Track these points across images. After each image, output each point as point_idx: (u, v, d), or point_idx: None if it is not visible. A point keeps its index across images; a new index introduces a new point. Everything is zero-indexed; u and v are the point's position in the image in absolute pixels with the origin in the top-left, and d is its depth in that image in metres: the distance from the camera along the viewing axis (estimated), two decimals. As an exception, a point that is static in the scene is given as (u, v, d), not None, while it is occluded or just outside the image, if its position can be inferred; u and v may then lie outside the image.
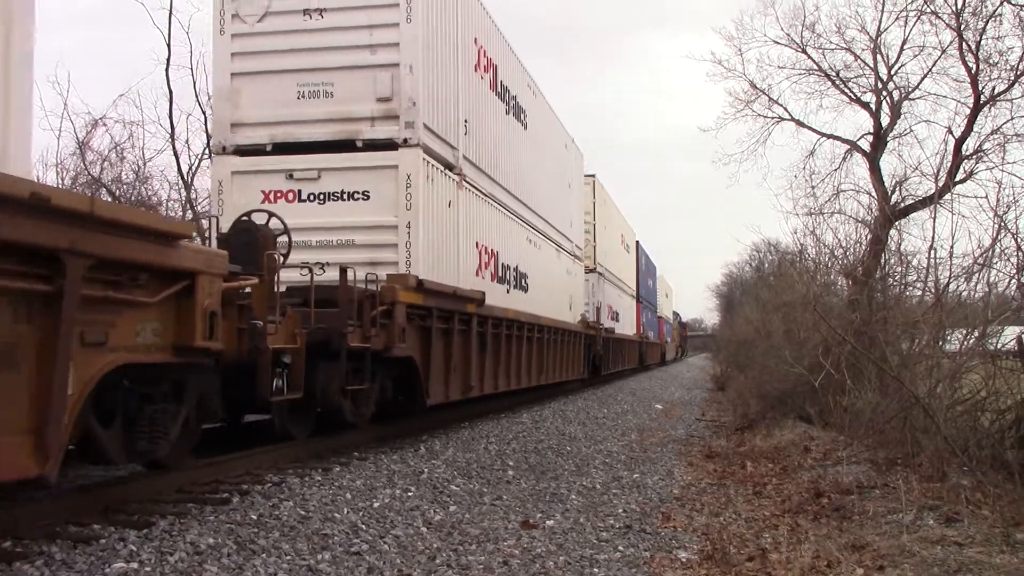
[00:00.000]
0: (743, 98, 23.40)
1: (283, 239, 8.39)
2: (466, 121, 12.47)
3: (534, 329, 16.65)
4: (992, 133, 19.02)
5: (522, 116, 16.07)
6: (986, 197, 17.85)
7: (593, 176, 25.81)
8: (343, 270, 9.03)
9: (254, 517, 6.26)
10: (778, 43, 22.68)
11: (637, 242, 37.93)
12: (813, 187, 21.69)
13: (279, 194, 10.70)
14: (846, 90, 22.13)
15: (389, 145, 10.53)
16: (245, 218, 8.37)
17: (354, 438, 9.91)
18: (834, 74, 22.06)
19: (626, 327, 32.78)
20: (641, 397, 23.24)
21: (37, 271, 4.88)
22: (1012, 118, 18.59)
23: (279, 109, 10.73)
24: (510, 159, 15.15)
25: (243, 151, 10.80)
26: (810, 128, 23.01)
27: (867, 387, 10.63)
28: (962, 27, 18.59)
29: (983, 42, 18.49)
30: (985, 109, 18.91)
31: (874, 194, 19.21)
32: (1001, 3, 17.79)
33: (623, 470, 9.68)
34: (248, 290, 7.31)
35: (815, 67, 22.26)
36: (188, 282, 6.22)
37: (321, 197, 10.66)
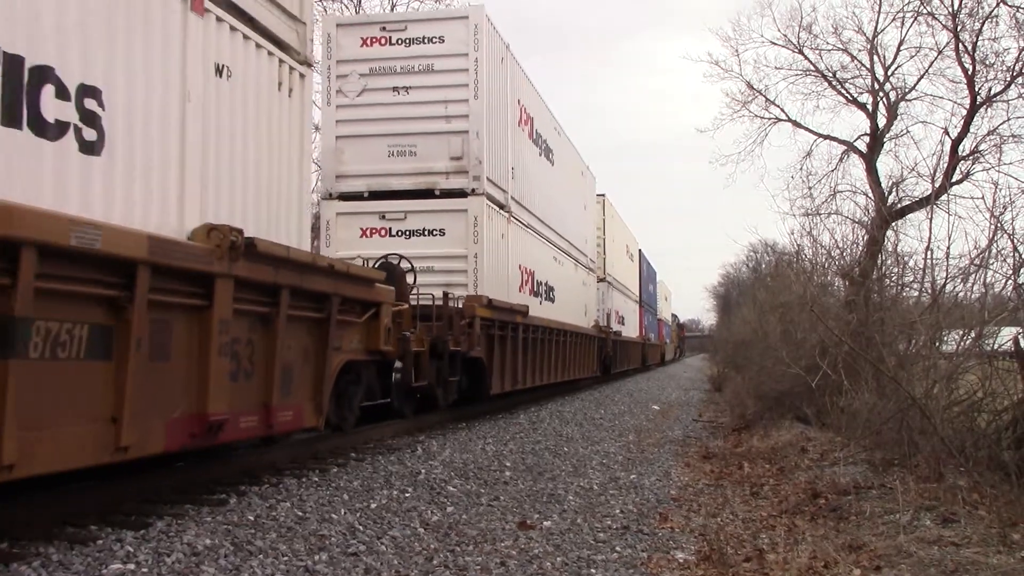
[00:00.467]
0: (740, 99, 23.51)
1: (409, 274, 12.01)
2: (513, 168, 15.61)
3: (561, 334, 19.72)
4: (988, 134, 19.09)
5: (550, 155, 19.31)
6: (982, 198, 18.08)
7: (603, 195, 28.32)
8: (445, 295, 12.37)
9: (251, 518, 6.26)
10: (775, 44, 22.79)
11: (640, 250, 40.65)
12: (810, 188, 21.77)
13: (374, 231, 13.80)
14: (843, 91, 22.20)
15: (460, 193, 13.70)
16: (385, 259, 12.07)
17: (440, 417, 13.08)
18: (831, 75, 22.13)
19: (630, 330, 35.38)
20: (638, 398, 23.25)
21: (317, 306, 8.20)
22: (1008, 119, 18.65)
23: (374, 164, 13.79)
24: (542, 193, 18.23)
25: (345, 197, 13.89)
26: (807, 129, 23.10)
27: (864, 388, 10.64)
28: (958, 28, 18.64)
29: (979, 43, 18.55)
30: (981, 110, 18.97)
31: (871, 195, 19.26)
32: (997, 4, 17.85)
33: (620, 471, 9.68)
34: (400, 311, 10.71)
35: (812, 68, 22.35)
36: (376, 309, 9.56)
37: (407, 233, 13.73)
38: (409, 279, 11.93)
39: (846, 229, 17.72)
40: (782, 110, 23.63)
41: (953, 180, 17.97)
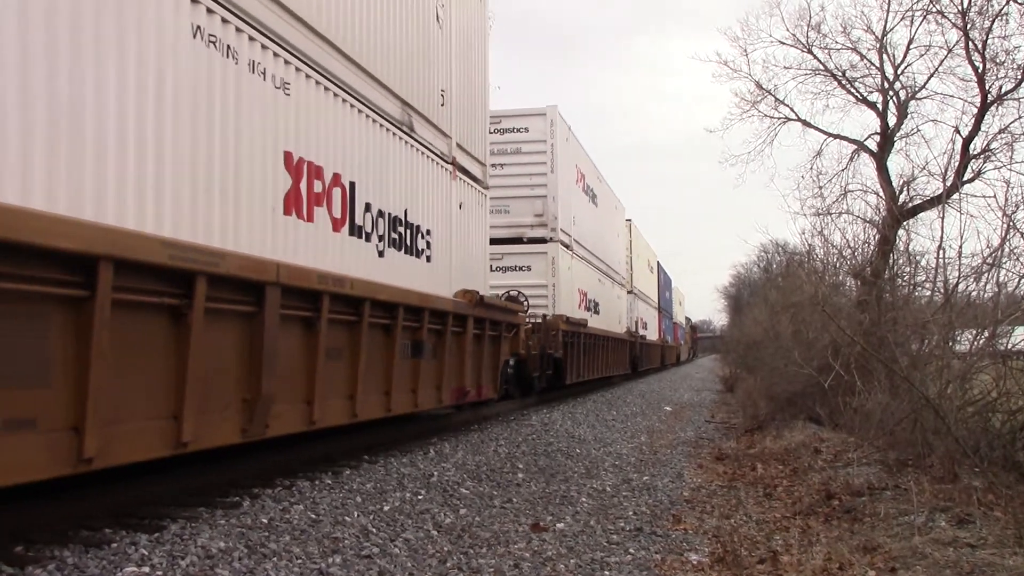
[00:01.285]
0: (749, 99, 23.37)
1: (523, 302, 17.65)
2: (574, 217, 21.07)
3: (606, 339, 25.80)
4: (1000, 132, 18.95)
5: (595, 199, 24.79)
6: (994, 196, 17.91)
7: (630, 220, 33.52)
8: (544, 316, 18.28)
9: (265, 520, 6.27)
10: (784, 43, 22.64)
11: (658, 262, 46.04)
12: (820, 187, 21.66)
13: (480, 268, 19.31)
14: (852, 90, 22.08)
15: (541, 240, 19.14)
16: (507, 293, 17.23)
17: (533, 400, 18.75)
18: (840, 74, 22.01)
19: (652, 334, 40.46)
20: (650, 399, 23.21)
21: (497, 329, 13.76)
22: (1020, 117, 18.51)
23: None
24: (590, 230, 23.64)
25: None
26: (816, 128, 22.97)
27: (877, 388, 10.60)
28: (968, 26, 18.53)
29: (990, 41, 18.42)
30: (992, 108, 18.85)
31: (882, 194, 19.14)
32: (1007, 2, 17.74)
33: (633, 472, 9.67)
34: (530, 327, 17.15)
35: (821, 67, 22.22)
36: (517, 328, 15.29)
37: (503, 269, 18.41)
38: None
39: (857, 228, 17.60)
40: (791, 109, 23.47)
41: (964, 179, 17.85)
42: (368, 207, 9.26)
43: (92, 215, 5.26)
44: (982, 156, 19.03)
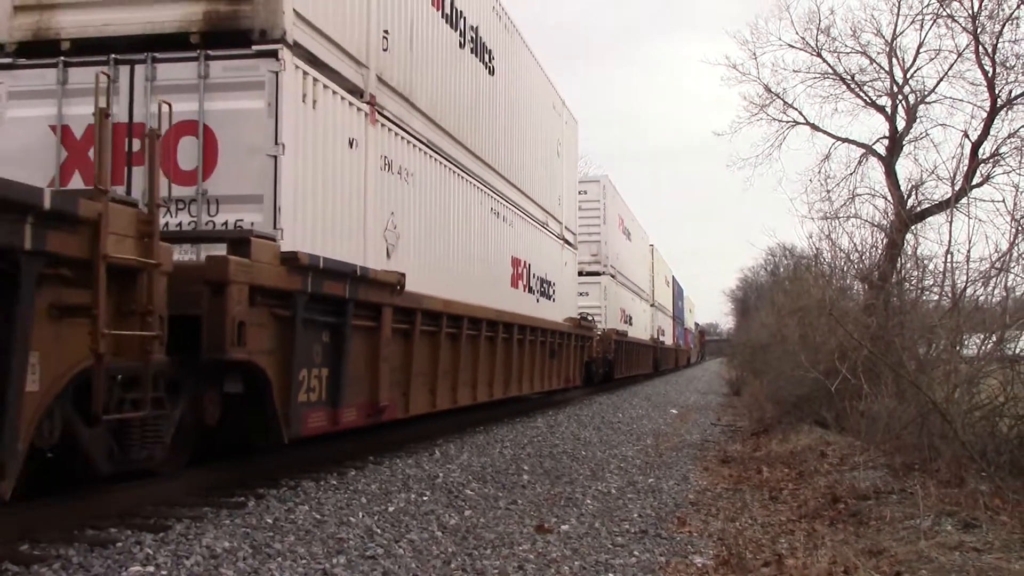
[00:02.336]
0: (758, 102, 23.38)
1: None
2: (617, 254, 27.97)
3: (638, 344, 32.83)
4: (1009, 137, 18.90)
5: (629, 236, 31.62)
6: (1003, 201, 17.80)
7: (652, 245, 40.43)
8: (604, 331, 24.94)
9: (269, 521, 6.28)
10: (793, 47, 22.64)
11: (673, 277, 52.85)
12: (828, 191, 21.64)
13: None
14: (861, 94, 22.05)
15: (597, 274, 25.73)
16: (582, 316, 21.42)
17: (590, 387, 24.18)
18: (849, 78, 21.99)
19: (668, 339, 47.11)
20: (656, 402, 23.19)
21: (584, 339, 21.42)
22: (1030, 122, 18.45)
23: None
24: (625, 261, 29.96)
25: None
26: (825, 132, 22.94)
27: (884, 392, 10.56)
28: (978, 30, 18.50)
29: (999, 45, 18.40)
30: (1002, 113, 18.81)
31: (890, 198, 19.10)
32: (1018, 6, 17.72)
33: (638, 475, 9.66)
34: (598, 338, 23.98)
35: (830, 71, 22.20)
36: (591, 339, 22.51)
37: None
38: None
39: (865, 233, 17.55)
40: (800, 113, 23.46)
41: (973, 183, 17.81)
42: (533, 275, 16.60)
43: (457, 297, 11.76)
44: (991, 160, 18.98)
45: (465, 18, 12.49)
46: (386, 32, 9.63)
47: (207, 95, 7.55)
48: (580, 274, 22.72)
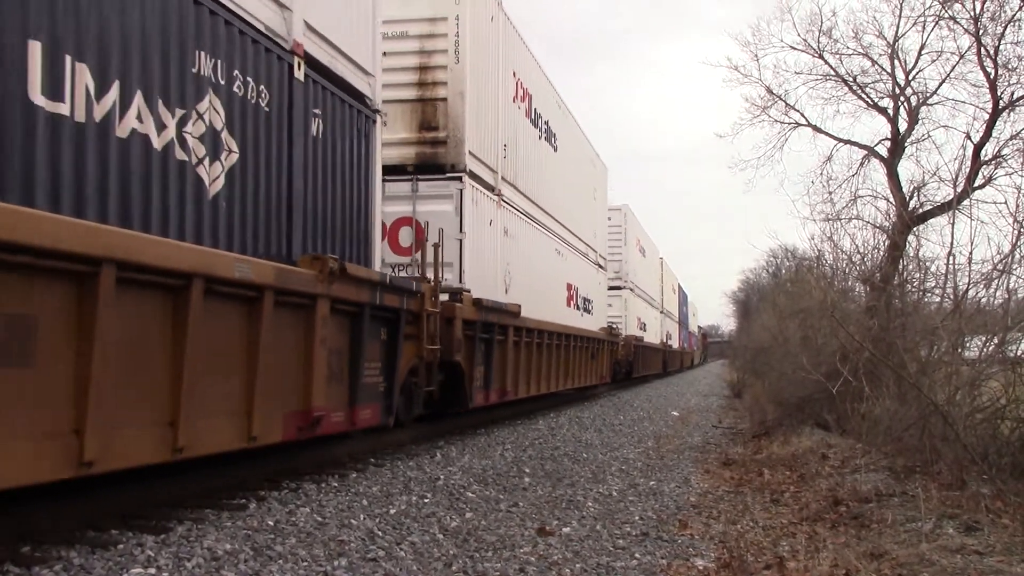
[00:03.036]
0: (760, 104, 23.28)
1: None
2: (635, 270, 32.73)
3: (649, 348, 36.26)
4: (1011, 138, 18.81)
5: (644, 252, 36.10)
6: (1005, 203, 17.59)
7: (662, 258, 45.23)
8: (628, 337, 29.78)
9: (271, 523, 6.28)
10: (795, 48, 22.54)
11: (679, 284, 57.84)
12: (830, 193, 21.55)
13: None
14: (863, 95, 21.98)
15: (619, 288, 30.20)
16: (609, 326, 25.32)
17: (614, 384, 27.99)
18: (851, 79, 21.92)
19: (675, 343, 51.72)
20: (657, 404, 23.18)
21: (613, 345, 25.86)
22: (1031, 123, 18.42)
23: None
24: (642, 276, 35.09)
25: None
26: (827, 134, 22.85)
27: (885, 394, 10.56)
28: (980, 32, 18.44)
29: (1002, 47, 18.31)
30: (1004, 114, 18.73)
31: (892, 200, 19.02)
32: (1020, 8, 17.64)
33: (640, 477, 9.65)
34: (622, 343, 28.15)
35: (832, 72, 22.12)
36: (617, 344, 26.35)
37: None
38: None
39: (867, 234, 17.48)
40: (802, 115, 23.40)
41: (975, 185, 17.73)
42: (579, 295, 20.94)
43: (541, 317, 16.40)
44: (993, 162, 18.91)
45: (541, 116, 17.35)
46: (505, 145, 14.60)
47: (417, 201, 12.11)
48: (608, 288, 27.08)
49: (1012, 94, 18.54)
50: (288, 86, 7.88)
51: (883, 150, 21.64)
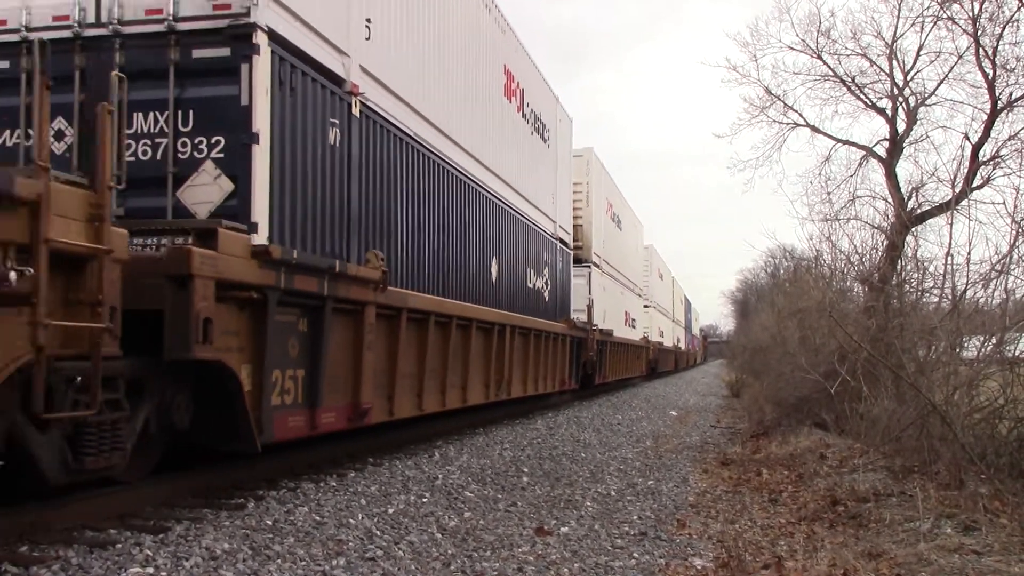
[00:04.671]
0: (758, 104, 23.27)
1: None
2: (660, 302, 43.20)
3: (667, 350, 46.25)
4: (1010, 139, 18.81)
5: (662, 276, 45.49)
6: (1004, 203, 17.59)
7: (674, 278, 55.83)
8: (652, 342, 38.76)
9: (269, 523, 6.28)
10: (793, 49, 22.51)
11: (685, 296, 67.20)
12: (829, 193, 21.52)
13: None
14: (862, 96, 21.97)
15: (647, 306, 38.21)
16: (645, 336, 36.15)
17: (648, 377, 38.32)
18: (850, 80, 21.91)
19: (683, 345, 60.84)
20: (656, 403, 23.18)
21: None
22: (1030, 123, 18.41)
23: None
24: (659, 297, 43.27)
25: None
26: (825, 134, 22.84)
27: (883, 394, 10.56)
28: (979, 33, 18.44)
29: (1000, 48, 18.32)
30: (1002, 115, 18.72)
31: (890, 200, 19.03)
32: (1018, 9, 17.64)
33: (638, 477, 9.65)
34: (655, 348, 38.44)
35: (830, 73, 22.09)
36: (650, 349, 37.16)
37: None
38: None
39: (865, 234, 17.46)
40: (800, 115, 23.34)
41: (974, 185, 17.72)
42: (630, 316, 31.09)
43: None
44: (992, 163, 18.90)
45: (617, 215, 28.71)
46: (604, 240, 24.86)
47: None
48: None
49: (1010, 95, 18.54)
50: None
51: (881, 150, 21.63)
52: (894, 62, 21.06)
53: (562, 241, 19.93)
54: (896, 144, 21.08)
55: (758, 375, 23.46)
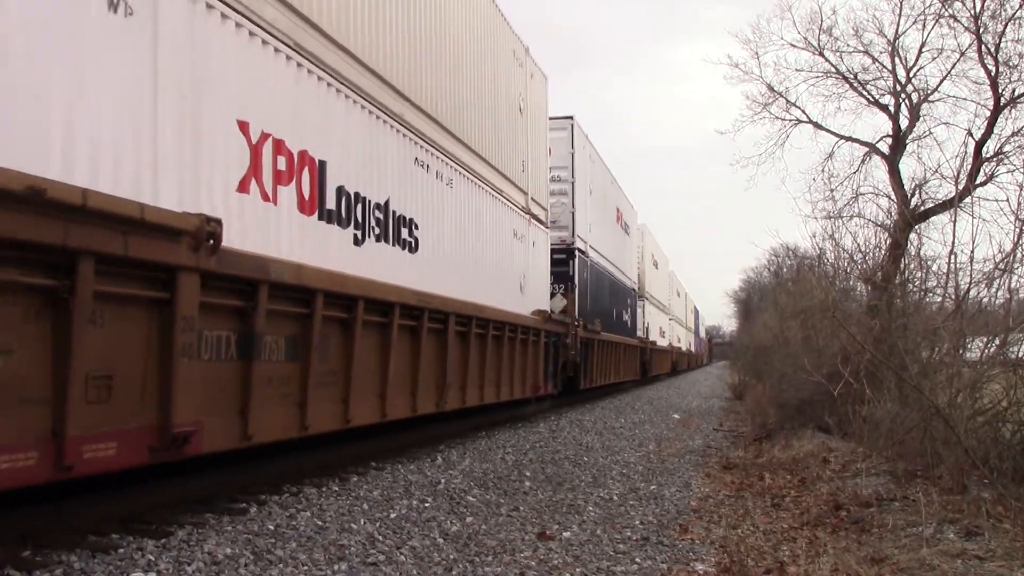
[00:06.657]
0: (760, 101, 23.30)
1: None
2: (674, 311, 51.59)
3: (683, 353, 57.80)
4: (1013, 135, 18.81)
5: (673, 283, 52.82)
6: (1007, 200, 17.64)
7: (686, 292, 63.81)
8: (672, 346, 50.19)
9: (271, 527, 6.29)
10: (795, 46, 22.56)
11: (695, 306, 75.52)
12: (832, 190, 21.55)
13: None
14: (864, 93, 21.98)
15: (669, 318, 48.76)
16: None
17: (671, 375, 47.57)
18: (852, 77, 21.92)
19: (692, 348, 67.96)
20: (658, 406, 23.17)
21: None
22: (1033, 120, 18.40)
23: None
24: (674, 310, 51.43)
25: None
26: (828, 130, 22.84)
27: (886, 396, 10.53)
28: (981, 30, 18.44)
29: (1002, 44, 18.33)
30: (1005, 111, 18.74)
31: (893, 197, 19.03)
32: (1020, 6, 17.66)
33: (640, 481, 9.64)
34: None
35: (833, 70, 22.12)
36: (672, 353, 48.54)
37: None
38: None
39: (868, 232, 17.44)
40: (803, 112, 23.36)
41: (977, 182, 17.74)
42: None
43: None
44: (995, 160, 18.90)
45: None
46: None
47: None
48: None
49: (1013, 91, 18.55)
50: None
51: (884, 147, 21.64)
52: (896, 59, 21.07)
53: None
54: (899, 140, 21.07)
55: (761, 376, 23.44)
